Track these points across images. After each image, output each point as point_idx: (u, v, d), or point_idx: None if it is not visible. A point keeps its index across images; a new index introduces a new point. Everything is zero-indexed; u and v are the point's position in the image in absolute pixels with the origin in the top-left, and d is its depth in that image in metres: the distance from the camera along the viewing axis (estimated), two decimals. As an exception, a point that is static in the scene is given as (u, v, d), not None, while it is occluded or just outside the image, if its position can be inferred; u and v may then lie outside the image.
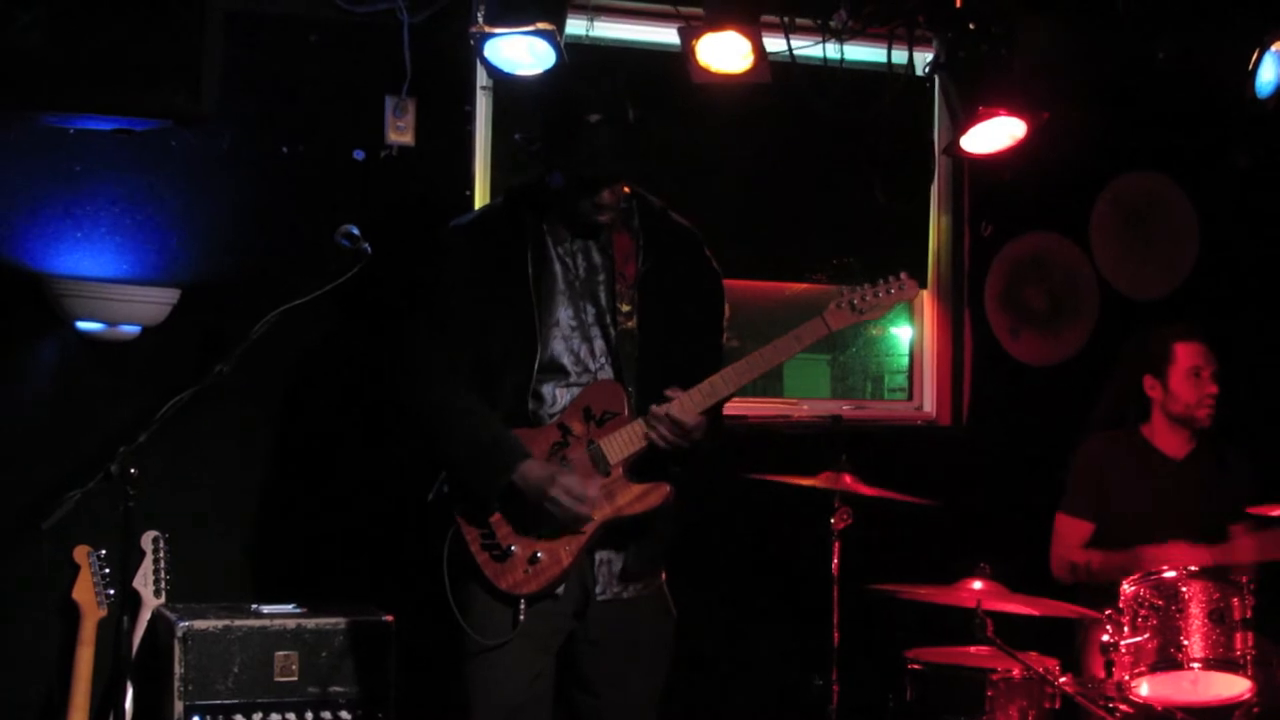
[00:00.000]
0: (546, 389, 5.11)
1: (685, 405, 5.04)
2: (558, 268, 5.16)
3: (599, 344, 5.17)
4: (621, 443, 5.08)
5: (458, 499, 5.10)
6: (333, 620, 5.89)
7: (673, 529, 5.27)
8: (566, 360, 5.14)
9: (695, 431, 5.06)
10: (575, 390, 5.12)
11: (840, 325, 5.27)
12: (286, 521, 6.41)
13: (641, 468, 5.13)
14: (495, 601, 5.05)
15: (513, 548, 5.04)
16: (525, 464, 4.99)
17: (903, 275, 5.29)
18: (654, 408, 5.05)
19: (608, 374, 5.16)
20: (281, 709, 5.78)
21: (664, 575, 5.31)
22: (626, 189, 5.23)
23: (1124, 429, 6.66)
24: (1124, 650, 5.65)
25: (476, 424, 5.04)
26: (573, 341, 5.15)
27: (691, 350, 5.26)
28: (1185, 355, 6.54)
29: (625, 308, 5.16)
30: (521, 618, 5.03)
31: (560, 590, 5.07)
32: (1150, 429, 6.63)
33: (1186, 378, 6.52)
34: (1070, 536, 6.56)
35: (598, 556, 5.12)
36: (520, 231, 5.17)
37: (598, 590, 5.11)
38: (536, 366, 5.08)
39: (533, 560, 5.03)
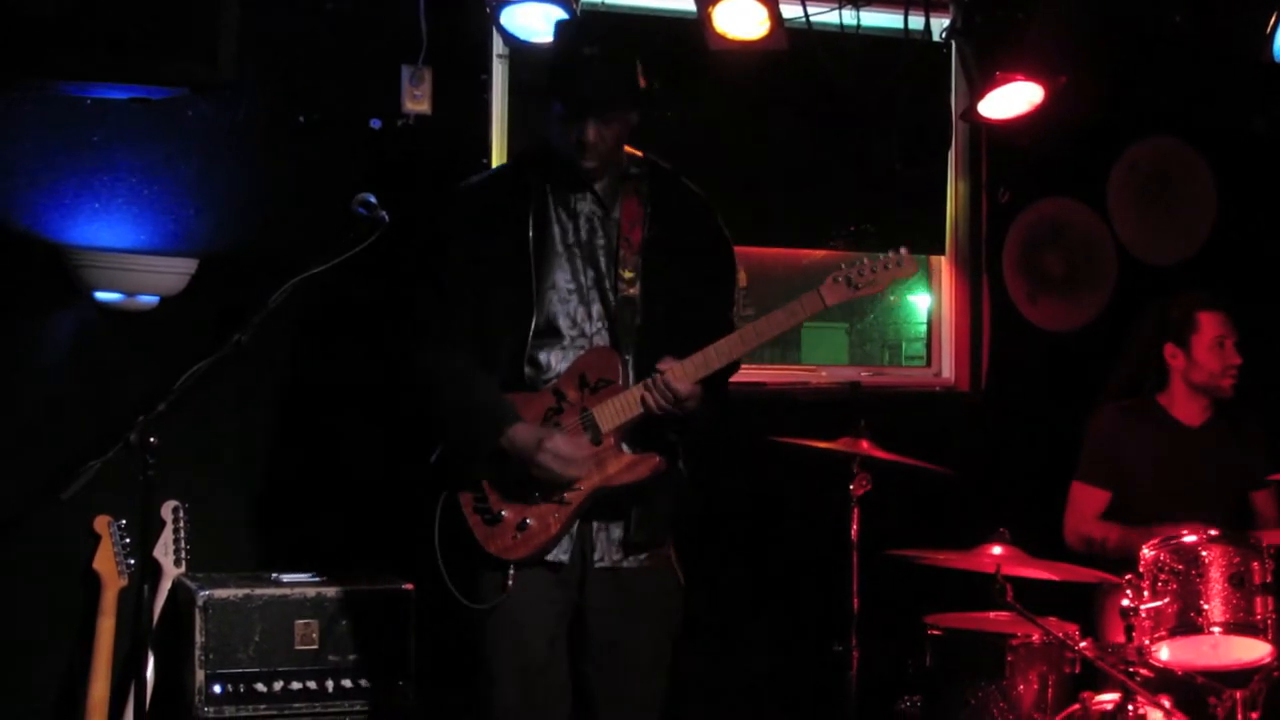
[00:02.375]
0: (542, 354, 5.11)
1: (678, 373, 5.01)
2: (557, 230, 5.16)
3: (597, 309, 5.15)
4: (614, 410, 5.07)
5: (451, 463, 5.13)
6: (353, 588, 5.90)
7: (676, 500, 5.25)
8: (563, 324, 5.13)
9: (690, 401, 5.03)
10: (572, 355, 5.12)
11: (836, 300, 5.26)
12: (306, 490, 6.42)
13: (636, 438, 5.12)
14: (485, 565, 5.07)
15: (503, 513, 5.05)
16: (514, 428, 4.99)
17: (903, 251, 5.27)
18: (650, 376, 5.04)
19: (604, 340, 5.15)
20: (302, 677, 5.79)
21: (671, 547, 5.29)
22: (639, 153, 5.24)
23: (1140, 397, 6.65)
24: (1144, 615, 5.63)
25: (468, 387, 5.07)
26: (570, 305, 5.13)
27: (697, 320, 5.21)
28: (1210, 325, 6.52)
29: (628, 274, 5.14)
30: (510, 583, 5.03)
31: (560, 558, 5.08)
32: (1168, 397, 6.62)
33: (1211, 347, 6.51)
34: (1086, 506, 6.56)
35: (595, 525, 5.12)
36: (524, 193, 5.17)
37: (596, 557, 5.12)
38: (532, 330, 5.08)
39: (521, 526, 5.04)
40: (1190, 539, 5.70)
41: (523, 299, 5.08)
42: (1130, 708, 5.53)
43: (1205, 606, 5.61)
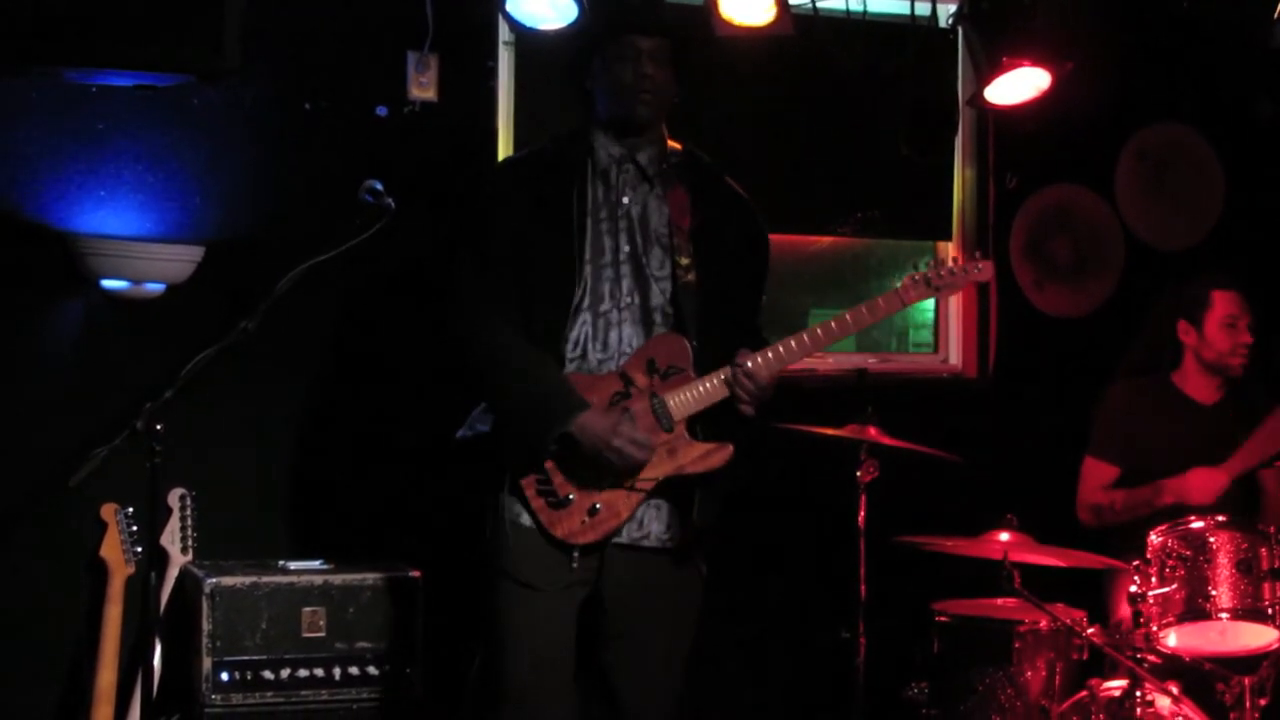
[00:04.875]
0: (577, 328, 5.06)
1: (760, 365, 5.04)
2: (595, 203, 5.11)
3: (628, 284, 5.10)
4: (689, 399, 5.05)
5: (504, 442, 5.06)
6: (360, 576, 5.90)
7: (730, 485, 5.23)
8: (596, 299, 5.07)
9: (769, 391, 5.08)
10: (603, 328, 5.07)
11: (916, 299, 5.36)
12: (313, 477, 6.43)
13: (704, 426, 5.10)
14: (549, 548, 5.02)
15: (570, 496, 5.00)
16: (584, 415, 4.93)
17: (980, 258, 5.37)
18: (736, 366, 5.03)
19: (633, 315, 5.10)
20: (309, 664, 5.79)
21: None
22: (678, 145, 5.26)
23: (1153, 375, 6.67)
24: (1151, 601, 5.64)
25: (531, 369, 5.00)
26: (604, 279, 5.08)
27: (740, 310, 5.26)
28: (1222, 303, 6.54)
29: (684, 260, 5.10)
30: (575, 565, 5.02)
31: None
32: (1181, 375, 6.64)
33: (1222, 325, 6.52)
34: (1095, 479, 6.58)
35: (652, 504, 5.09)
36: (567, 168, 5.13)
37: (623, 534, 5.07)
38: (574, 306, 5.04)
39: (592, 512, 5.00)
40: (1198, 524, 5.70)
41: (563, 274, 5.04)
42: (1138, 694, 5.52)
43: (1213, 592, 5.61)
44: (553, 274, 5.03)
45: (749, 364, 5.03)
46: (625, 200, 5.14)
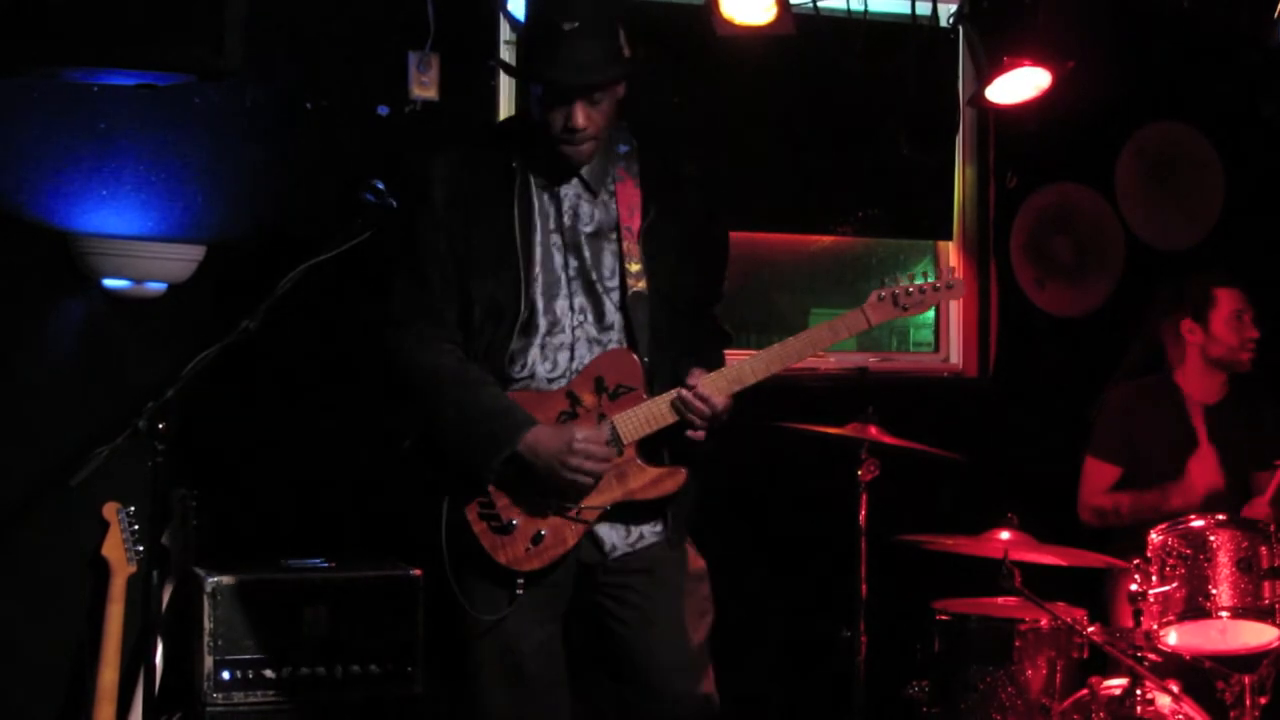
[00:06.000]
0: (522, 349, 4.78)
1: (709, 388, 4.73)
2: (539, 216, 4.80)
3: (579, 301, 4.80)
4: (639, 421, 4.75)
5: (451, 465, 4.79)
6: (361, 574, 5.91)
7: (694, 502, 4.98)
8: (543, 318, 4.78)
9: (723, 415, 4.77)
10: (551, 351, 4.79)
11: (881, 319, 5.00)
12: (314, 476, 6.42)
13: (654, 447, 4.82)
14: (491, 575, 4.78)
15: (514, 521, 4.75)
16: (532, 432, 4.67)
17: (955, 274, 5.06)
18: (685, 389, 4.72)
19: (586, 335, 4.82)
20: (311, 663, 5.79)
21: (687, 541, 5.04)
22: (629, 138, 4.93)
23: (1155, 375, 6.67)
24: (1152, 599, 5.64)
25: (473, 388, 4.75)
26: (551, 297, 4.78)
27: (693, 312, 4.97)
28: (1227, 299, 6.55)
29: (634, 267, 4.79)
30: (519, 593, 4.75)
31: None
32: (1183, 374, 6.64)
33: (1229, 321, 6.54)
34: (1097, 480, 6.58)
35: (611, 526, 4.85)
36: (506, 174, 4.80)
37: (607, 549, 4.85)
38: (518, 324, 4.75)
39: (536, 539, 4.75)
40: (1198, 523, 5.71)
41: (507, 291, 4.74)
42: (1138, 692, 5.53)
43: (1213, 591, 5.61)
44: (496, 292, 4.76)
45: (699, 386, 4.73)
46: (570, 210, 4.83)
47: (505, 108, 6.78)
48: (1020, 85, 6.79)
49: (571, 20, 4.63)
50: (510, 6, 6.19)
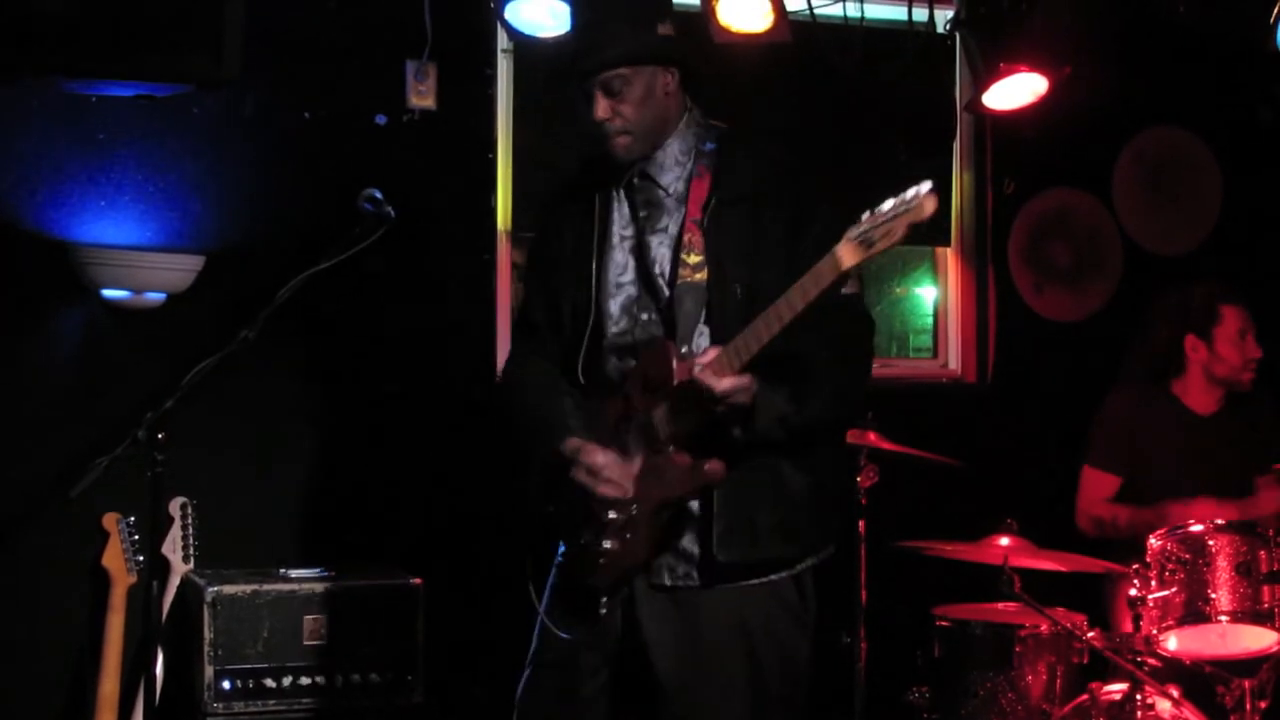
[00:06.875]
0: (597, 354, 4.61)
1: (715, 366, 4.23)
2: (616, 222, 4.64)
3: (646, 300, 4.58)
4: (666, 414, 4.41)
5: (537, 480, 4.68)
6: (361, 583, 5.91)
7: (788, 509, 4.57)
8: (613, 324, 4.59)
9: (737, 395, 4.24)
10: (626, 352, 4.58)
11: (854, 262, 4.29)
12: (313, 485, 6.43)
13: (703, 441, 4.38)
14: (574, 594, 4.55)
15: (585, 537, 4.51)
16: (566, 441, 4.50)
17: (922, 187, 4.32)
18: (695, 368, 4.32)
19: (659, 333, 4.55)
20: (311, 672, 5.80)
21: (798, 571, 4.76)
22: (720, 124, 4.73)
23: (1153, 384, 6.65)
24: (1151, 604, 5.63)
25: (534, 395, 4.68)
26: (620, 300, 4.60)
27: (774, 285, 4.35)
28: (1232, 318, 6.51)
29: (694, 259, 4.48)
30: (603, 610, 4.47)
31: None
32: (1182, 385, 6.61)
33: (1234, 340, 6.49)
34: (1096, 490, 6.56)
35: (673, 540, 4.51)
36: (588, 188, 4.68)
37: (652, 575, 4.50)
38: (589, 330, 4.59)
39: (603, 553, 4.47)
40: (1197, 528, 5.70)
41: (583, 299, 4.60)
42: (1138, 698, 5.52)
43: (1213, 596, 5.60)
44: (575, 301, 4.63)
45: (706, 367, 4.27)
46: (643, 210, 4.62)
47: (503, 117, 6.79)
48: (1017, 91, 6.79)
49: (591, 12, 4.62)
50: (508, 15, 6.19)
